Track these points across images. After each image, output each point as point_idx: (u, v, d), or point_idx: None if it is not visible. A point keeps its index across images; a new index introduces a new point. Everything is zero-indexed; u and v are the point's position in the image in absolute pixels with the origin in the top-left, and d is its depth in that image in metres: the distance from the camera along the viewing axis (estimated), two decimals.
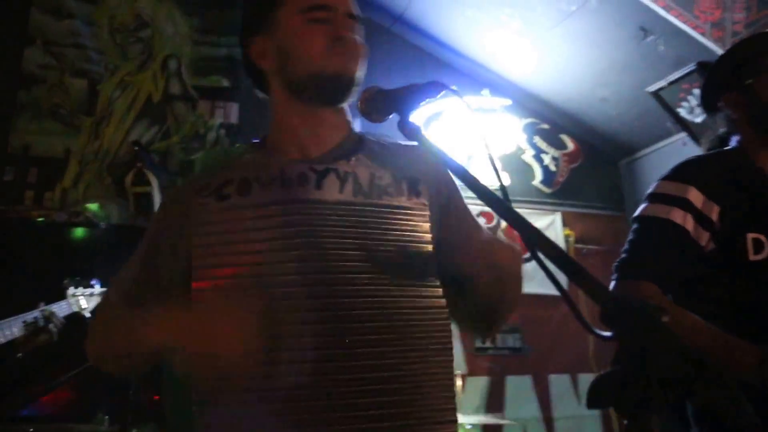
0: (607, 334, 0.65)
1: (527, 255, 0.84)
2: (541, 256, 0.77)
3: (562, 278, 0.75)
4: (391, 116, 0.98)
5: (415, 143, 0.94)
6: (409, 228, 1.08)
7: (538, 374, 3.83)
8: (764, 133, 1.50)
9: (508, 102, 4.04)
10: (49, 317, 2.52)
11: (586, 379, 3.90)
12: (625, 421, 0.62)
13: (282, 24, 1.12)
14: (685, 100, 3.71)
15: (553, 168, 4.24)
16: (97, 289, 2.78)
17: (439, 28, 4.05)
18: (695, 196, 1.41)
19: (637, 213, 1.50)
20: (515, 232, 0.79)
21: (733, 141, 1.56)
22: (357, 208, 1.06)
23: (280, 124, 1.16)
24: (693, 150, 3.81)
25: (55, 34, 3.55)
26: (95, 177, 3.47)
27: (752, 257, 1.37)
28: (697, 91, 3.65)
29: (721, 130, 1.62)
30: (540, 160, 4.24)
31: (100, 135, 3.53)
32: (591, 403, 0.63)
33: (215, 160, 1.23)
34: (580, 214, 4.20)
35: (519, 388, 3.76)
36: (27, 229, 3.33)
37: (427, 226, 1.10)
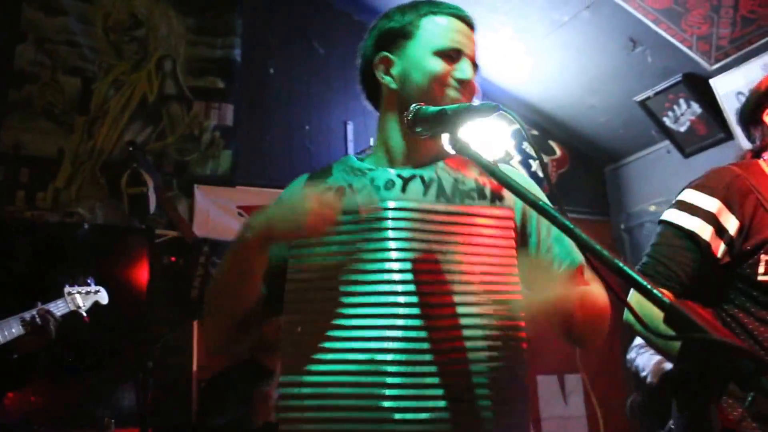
0: (672, 335, 0.70)
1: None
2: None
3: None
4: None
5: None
6: (491, 229, 1.16)
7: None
8: None
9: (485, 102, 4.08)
10: (46, 316, 2.48)
11: (572, 380, 3.97)
12: (686, 412, 0.70)
13: (411, 52, 1.23)
14: (671, 109, 3.81)
15: (540, 174, 4.30)
16: (94, 287, 2.75)
17: None
18: (719, 209, 1.45)
19: (663, 216, 1.55)
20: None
21: (766, 155, 1.59)
22: (439, 211, 1.14)
23: (384, 135, 1.27)
24: (676, 158, 3.92)
25: (48, 31, 3.49)
26: (89, 177, 3.43)
27: (761, 277, 1.41)
28: (682, 102, 3.75)
29: (756, 143, 1.65)
30: (528, 166, 4.30)
31: (94, 135, 3.48)
32: (662, 395, 0.69)
33: (317, 174, 1.33)
34: (573, 219, 4.19)
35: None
36: (18, 230, 3.27)
37: (510, 232, 1.17)
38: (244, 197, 3.55)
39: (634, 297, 1.44)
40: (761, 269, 1.41)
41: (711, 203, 1.46)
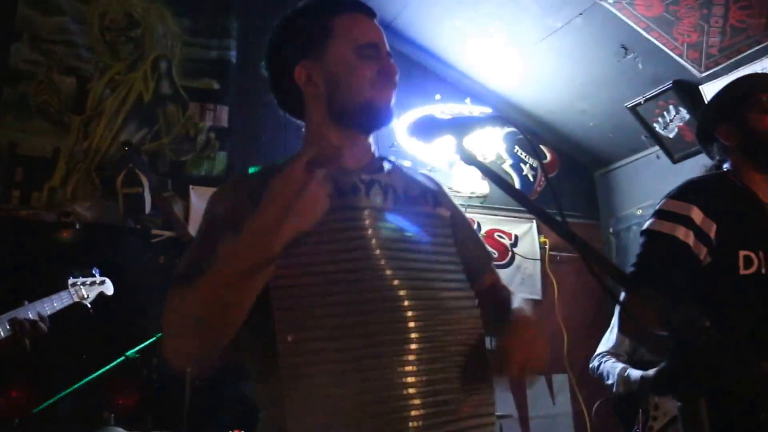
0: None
1: None
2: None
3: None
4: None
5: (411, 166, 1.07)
6: (439, 233, 1.23)
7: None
8: (754, 160, 1.66)
9: (489, 111, 4.10)
10: (23, 325, 2.26)
11: (560, 380, 4.01)
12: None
13: (333, 54, 1.21)
14: (661, 116, 3.84)
15: (531, 177, 4.31)
16: (99, 277, 2.67)
17: (427, 37, 4.09)
18: (696, 215, 1.56)
19: (645, 227, 1.64)
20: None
21: (726, 166, 1.72)
22: (398, 215, 1.19)
23: (319, 141, 1.23)
24: (665, 163, 3.95)
25: (44, 29, 3.45)
26: (84, 177, 3.40)
27: (742, 272, 1.51)
28: (672, 108, 3.77)
29: (716, 158, 1.77)
30: (519, 170, 4.31)
31: (90, 135, 3.46)
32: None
33: (263, 172, 1.23)
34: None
35: (496, 387, 3.81)
36: (13, 229, 3.24)
37: (449, 231, 1.25)
38: None
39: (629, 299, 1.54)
40: (741, 264, 1.51)
41: (687, 209, 1.56)
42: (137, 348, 2.77)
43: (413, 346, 1.06)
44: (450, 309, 1.13)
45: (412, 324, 1.08)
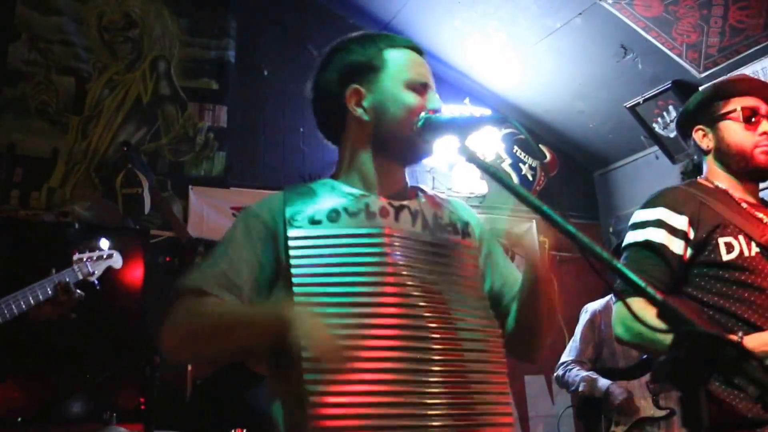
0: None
1: None
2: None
3: None
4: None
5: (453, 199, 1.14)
6: (464, 261, 1.24)
7: (514, 375, 3.85)
8: (726, 166, 1.66)
9: (488, 112, 4.05)
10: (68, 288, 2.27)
11: None
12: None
13: (385, 84, 1.24)
14: (660, 116, 3.79)
15: (530, 177, 4.27)
16: (106, 251, 2.48)
17: (426, 37, 4.03)
18: (665, 214, 1.57)
19: (623, 243, 1.65)
20: None
21: (704, 167, 1.71)
22: (426, 240, 1.20)
23: (356, 164, 1.27)
24: (665, 163, 3.90)
25: (42, 29, 3.42)
26: (83, 177, 3.37)
27: (725, 258, 1.51)
28: (671, 108, 3.72)
29: (695, 156, 1.77)
30: (518, 170, 4.26)
31: (89, 135, 3.43)
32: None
33: (300, 187, 1.29)
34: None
35: None
36: (12, 229, 3.21)
37: (477, 261, 1.26)
38: (238, 198, 3.50)
39: (622, 304, 1.53)
40: (723, 250, 1.51)
41: (655, 212, 1.58)
42: (139, 347, 2.74)
43: (435, 369, 1.09)
44: (471, 339, 1.15)
45: (431, 346, 1.10)
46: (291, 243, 1.14)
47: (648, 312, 1.48)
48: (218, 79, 3.69)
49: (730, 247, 1.51)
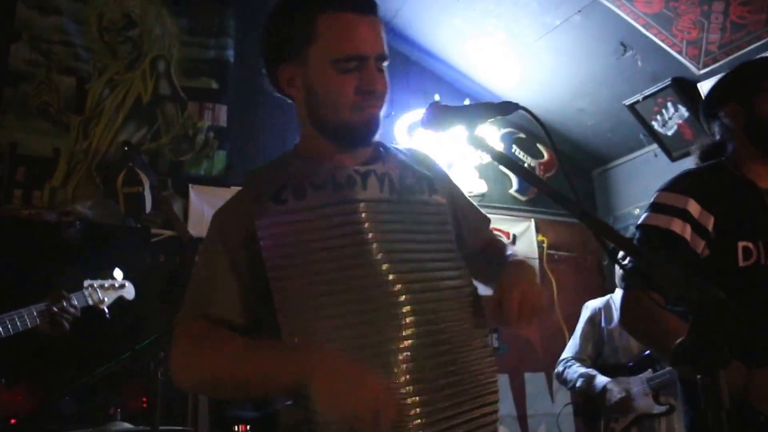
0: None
1: None
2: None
3: None
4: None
5: (414, 147, 1.08)
6: (434, 221, 1.16)
7: (514, 373, 3.78)
8: (755, 143, 1.57)
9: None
10: (66, 310, 2.30)
11: None
12: (699, 376, 0.76)
13: (312, 65, 1.10)
14: (660, 113, 3.70)
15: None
16: (119, 281, 2.50)
17: (425, 36, 3.95)
18: (693, 207, 1.47)
19: (640, 221, 1.55)
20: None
21: (729, 148, 1.62)
22: (396, 205, 1.13)
23: (311, 141, 1.18)
24: (664, 162, 3.81)
25: (43, 30, 3.35)
26: (84, 177, 3.31)
27: (742, 264, 1.44)
28: (670, 106, 3.62)
29: (718, 136, 1.67)
30: None
31: (90, 134, 3.35)
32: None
33: (259, 170, 1.19)
34: (554, 221, 4.15)
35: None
36: (15, 228, 3.14)
37: (447, 218, 1.19)
38: None
39: (629, 294, 1.48)
40: (740, 256, 1.44)
41: (684, 202, 1.48)
42: (141, 344, 2.69)
43: (413, 340, 1.03)
44: (450, 299, 1.10)
45: (411, 318, 1.04)
46: (259, 233, 1.06)
47: (654, 307, 1.43)
48: (218, 79, 3.61)
49: (748, 254, 1.45)
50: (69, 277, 2.68)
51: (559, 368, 3.00)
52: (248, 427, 2.59)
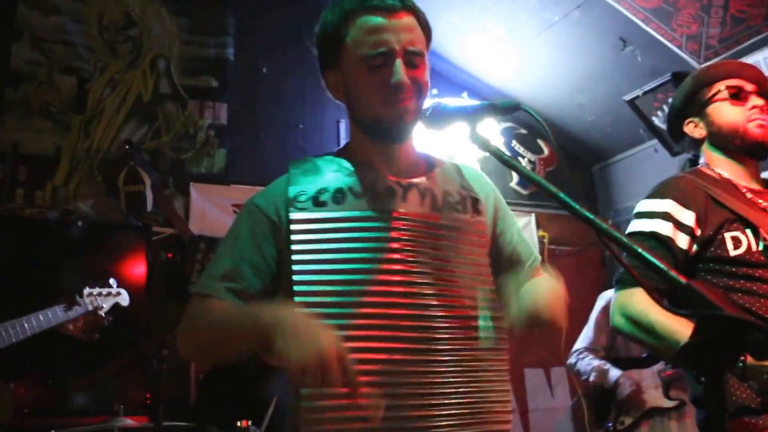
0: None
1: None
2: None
3: None
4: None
5: (467, 165, 1.08)
6: (473, 243, 1.15)
7: (514, 368, 3.74)
8: (722, 149, 1.58)
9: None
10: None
11: (559, 373, 3.85)
12: (703, 378, 0.74)
13: (346, 66, 1.13)
14: (660, 108, 3.63)
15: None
16: (115, 288, 2.60)
17: None
18: (672, 207, 1.48)
19: (627, 231, 1.56)
20: None
21: (702, 160, 1.64)
22: (435, 222, 1.11)
23: (357, 142, 1.19)
24: (664, 157, 3.75)
25: (43, 30, 3.33)
26: (86, 175, 3.29)
27: (733, 253, 1.43)
28: (671, 101, 3.56)
29: (691, 153, 1.69)
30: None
31: (91, 133, 3.34)
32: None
33: (305, 164, 1.18)
34: (554, 215, 4.10)
35: None
36: (18, 227, 3.14)
37: (486, 241, 1.17)
38: (239, 195, 3.39)
39: (622, 294, 1.48)
40: (729, 246, 1.44)
41: (663, 204, 1.50)
42: (144, 342, 2.69)
43: (439, 357, 1.03)
44: (476, 320, 1.09)
45: (438, 335, 1.04)
46: (293, 227, 1.07)
47: (650, 305, 1.41)
48: (218, 77, 3.57)
49: (737, 243, 1.44)
50: (71, 276, 2.68)
51: (572, 359, 2.97)
52: (250, 422, 2.57)
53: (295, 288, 1.03)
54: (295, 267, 1.04)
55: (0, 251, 2.97)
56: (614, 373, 2.77)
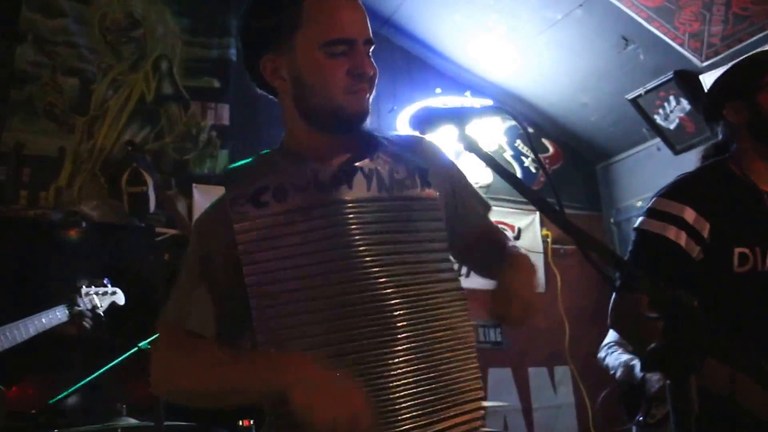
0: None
1: None
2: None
3: None
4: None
5: (416, 134, 1.00)
6: (425, 218, 1.09)
7: (518, 367, 3.73)
8: (760, 141, 1.50)
9: (490, 103, 3.88)
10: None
11: (561, 372, 3.82)
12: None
13: (299, 52, 1.05)
14: (662, 107, 3.60)
15: (533, 169, 4.09)
16: (111, 288, 2.66)
17: (426, 31, 3.86)
18: (689, 215, 1.43)
19: (636, 224, 1.53)
20: None
21: (732, 147, 1.56)
22: (384, 204, 1.06)
23: (297, 136, 1.12)
24: (666, 155, 3.71)
25: (47, 32, 3.30)
26: (89, 176, 3.26)
27: (737, 270, 1.40)
28: (673, 99, 3.52)
29: (721, 138, 1.61)
30: (520, 162, 4.09)
31: (94, 134, 3.31)
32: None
33: (240, 169, 1.15)
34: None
35: (500, 379, 3.66)
36: (22, 228, 3.11)
37: (439, 214, 1.11)
38: None
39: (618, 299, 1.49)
40: (736, 262, 1.41)
41: (680, 209, 1.45)
42: (147, 340, 2.67)
43: (399, 347, 0.99)
44: (438, 300, 1.04)
45: (398, 324, 0.99)
46: (238, 238, 1.01)
47: (638, 309, 1.39)
48: (220, 78, 3.54)
49: (744, 260, 1.41)
50: (75, 276, 2.67)
51: (601, 354, 2.92)
52: (252, 421, 2.55)
53: (250, 291, 0.99)
54: (246, 270, 1.00)
55: (4, 252, 2.96)
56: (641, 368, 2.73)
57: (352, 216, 1.03)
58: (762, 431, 1.30)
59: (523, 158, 4.10)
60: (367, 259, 1.01)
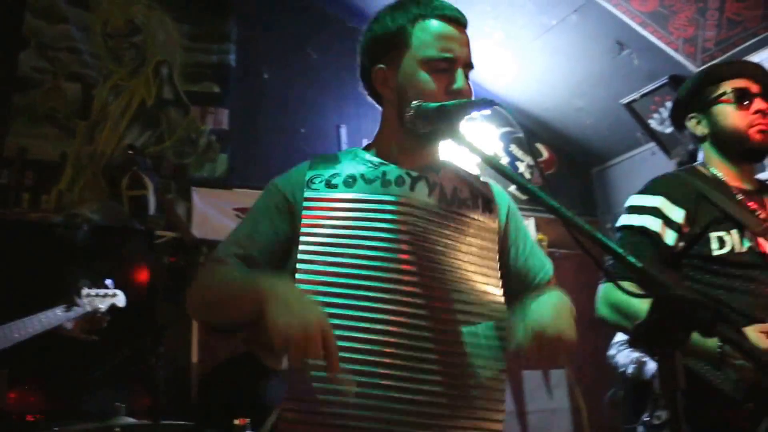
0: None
1: None
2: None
3: None
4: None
5: (491, 181, 1.10)
6: (480, 237, 1.15)
7: (513, 370, 3.69)
8: (722, 150, 1.58)
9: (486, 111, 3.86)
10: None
11: (557, 374, 3.77)
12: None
13: (405, 64, 1.14)
14: (656, 111, 3.58)
15: (528, 175, 4.07)
16: (111, 290, 2.62)
17: None
18: (663, 203, 1.50)
19: (618, 223, 1.59)
20: None
21: (700, 155, 1.64)
22: (442, 214, 1.13)
23: (387, 139, 1.21)
24: (661, 159, 3.69)
25: (49, 38, 3.31)
26: (90, 180, 3.26)
27: (716, 253, 1.45)
28: (668, 104, 3.50)
29: (690, 145, 1.69)
30: (515, 168, 4.06)
31: (95, 139, 3.31)
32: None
33: (325, 156, 1.25)
34: (554, 219, 4.00)
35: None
36: (24, 231, 3.12)
37: (495, 239, 1.17)
38: (241, 199, 3.36)
39: (607, 285, 1.53)
40: (714, 245, 1.45)
41: (654, 200, 1.51)
42: (146, 340, 2.67)
43: (429, 345, 1.03)
44: (477, 314, 1.07)
45: (424, 323, 1.03)
46: (305, 204, 1.12)
47: (623, 295, 1.38)
48: (220, 83, 3.54)
49: (721, 243, 1.46)
50: (76, 279, 2.66)
51: (612, 351, 2.89)
52: (248, 420, 2.54)
53: (299, 259, 1.07)
54: (302, 239, 1.08)
55: (7, 255, 2.96)
56: (651, 366, 2.71)
57: (406, 215, 1.09)
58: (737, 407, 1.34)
59: (518, 164, 4.08)
60: (410, 257, 1.06)
